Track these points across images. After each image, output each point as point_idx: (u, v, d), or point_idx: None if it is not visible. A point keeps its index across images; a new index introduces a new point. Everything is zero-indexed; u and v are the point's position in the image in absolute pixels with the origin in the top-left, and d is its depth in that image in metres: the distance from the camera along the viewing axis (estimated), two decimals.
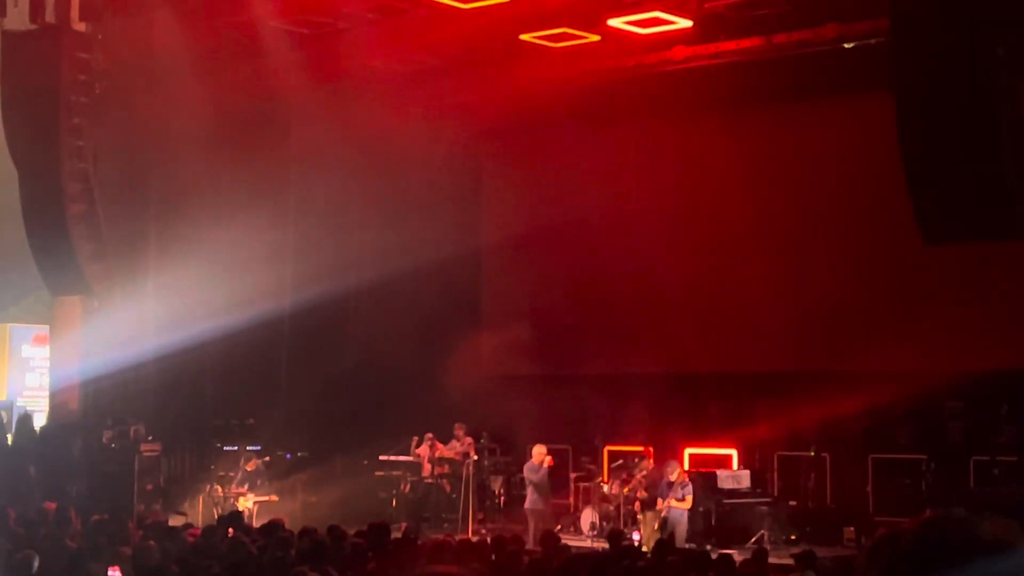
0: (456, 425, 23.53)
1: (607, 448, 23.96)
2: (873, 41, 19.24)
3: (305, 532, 14.02)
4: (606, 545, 16.78)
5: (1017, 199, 14.74)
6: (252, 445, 23.24)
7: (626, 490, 20.99)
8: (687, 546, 18.62)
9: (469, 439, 23.23)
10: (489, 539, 16.00)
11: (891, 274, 22.18)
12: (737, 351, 23.57)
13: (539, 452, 21.29)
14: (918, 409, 21.34)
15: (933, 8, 15.07)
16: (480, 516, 22.24)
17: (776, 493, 22.11)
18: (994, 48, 14.64)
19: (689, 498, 19.90)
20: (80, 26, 21.57)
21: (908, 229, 15.88)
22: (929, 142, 15.11)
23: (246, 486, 21.93)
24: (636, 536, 19.84)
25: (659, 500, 20.03)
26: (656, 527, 19.77)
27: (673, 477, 20.02)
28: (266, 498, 21.90)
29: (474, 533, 20.22)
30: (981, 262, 20.60)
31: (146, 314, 22.65)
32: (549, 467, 21.28)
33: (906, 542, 2.51)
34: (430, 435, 23.42)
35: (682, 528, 19.75)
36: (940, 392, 21.09)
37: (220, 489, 21.88)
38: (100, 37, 21.85)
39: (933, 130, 15.05)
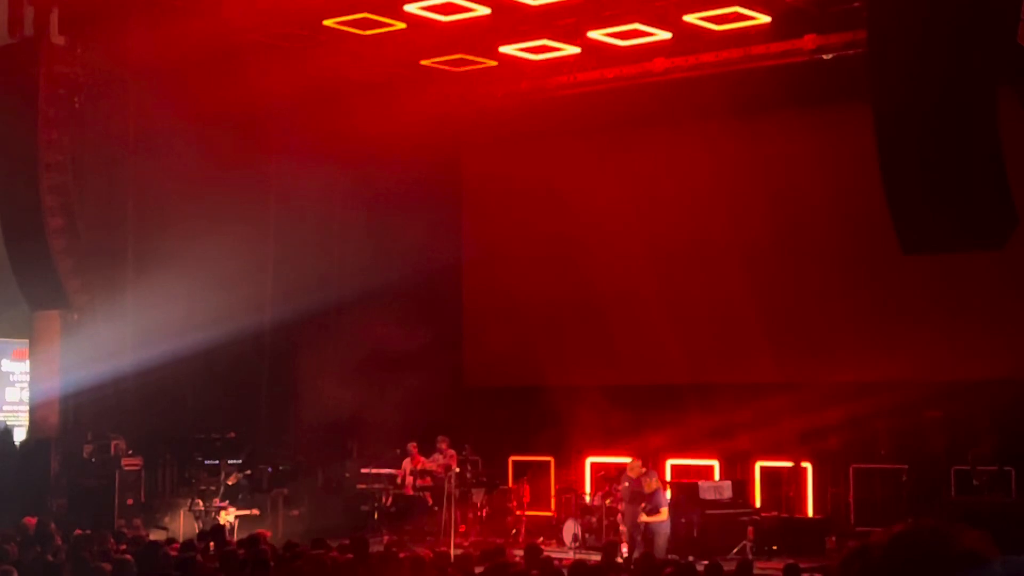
0: (439, 438, 23.49)
1: (589, 459, 23.98)
2: (851, 52, 19.33)
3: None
4: (587, 556, 16.75)
5: (996, 209, 14.78)
6: (233, 459, 23.18)
7: (608, 501, 20.97)
8: (690, 559, 18.58)
9: (452, 452, 23.20)
10: (473, 551, 15.98)
11: (871, 284, 22.25)
12: (718, 362, 23.60)
13: (637, 466, 20.88)
14: (898, 419, 21.39)
15: (911, 19, 15.12)
16: (462, 529, 22.20)
17: (758, 504, 22.13)
18: (971, 59, 14.70)
19: (664, 510, 19.78)
20: (59, 39, 21.50)
21: (888, 239, 15.92)
22: (907, 152, 15.15)
23: (227, 500, 21.86)
24: (624, 549, 19.79)
25: (640, 513, 19.87)
26: (639, 539, 19.70)
27: (645, 487, 19.87)
28: (247, 512, 21.83)
29: (456, 546, 20.16)
30: (961, 272, 20.68)
31: (126, 328, 22.57)
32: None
33: (876, 555, 2.50)
34: (413, 445, 23.38)
35: (662, 540, 19.65)
36: (920, 402, 21.15)
37: (201, 503, 21.80)
38: (79, 51, 21.78)
39: (911, 140, 15.10)
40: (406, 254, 25.47)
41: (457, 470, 22.49)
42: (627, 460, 22.60)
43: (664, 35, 20.58)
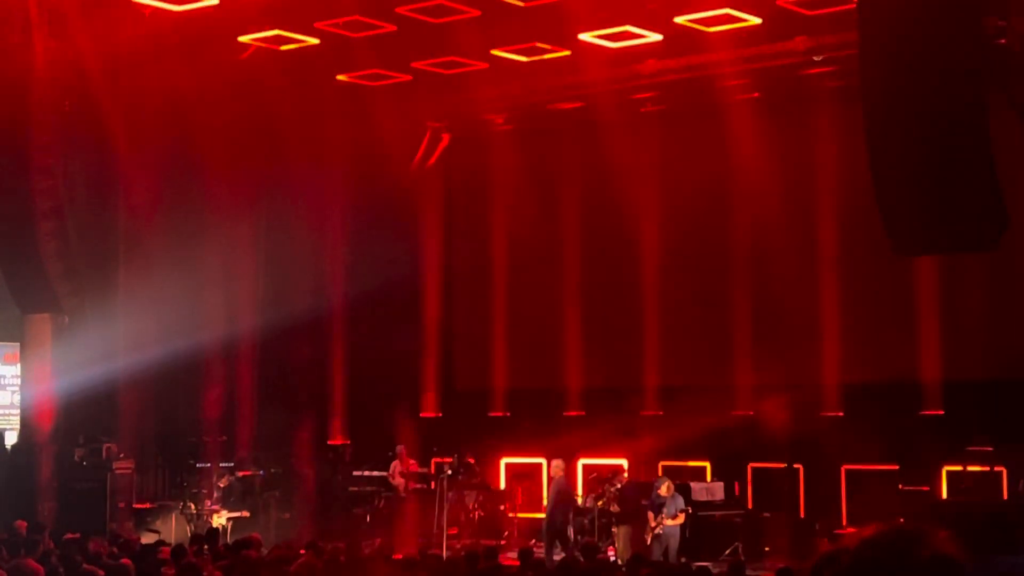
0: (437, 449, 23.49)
1: (581, 461, 23.97)
2: (843, 54, 19.36)
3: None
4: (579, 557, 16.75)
5: (988, 211, 14.80)
6: (225, 462, 23.17)
7: (600, 503, 20.98)
8: (682, 560, 18.62)
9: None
10: (463, 554, 15.99)
11: (863, 285, 22.26)
12: (711, 364, 23.60)
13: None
14: (890, 420, 21.40)
15: (902, 22, 15.14)
16: (454, 531, 22.19)
17: (750, 505, 22.14)
18: (962, 62, 14.72)
19: (682, 515, 19.83)
20: (49, 43, 21.47)
21: (880, 240, 15.93)
22: (898, 154, 15.16)
23: (219, 503, 21.85)
24: (612, 553, 19.81)
25: (651, 515, 19.91)
26: (648, 542, 19.70)
27: (663, 491, 19.90)
28: (239, 515, 21.82)
29: (448, 548, 20.18)
30: (952, 273, 20.72)
31: (118, 332, 22.55)
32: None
33: (846, 559, 2.50)
34: (402, 447, 23.38)
35: (675, 543, 19.68)
36: (912, 403, 21.18)
37: (193, 506, 21.80)
38: (70, 54, 21.75)
39: (901, 143, 15.11)
40: (396, 258, 25.45)
41: (449, 472, 22.49)
42: (620, 462, 22.65)
43: (655, 37, 20.57)
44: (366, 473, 23.88)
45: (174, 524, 21.75)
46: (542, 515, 23.73)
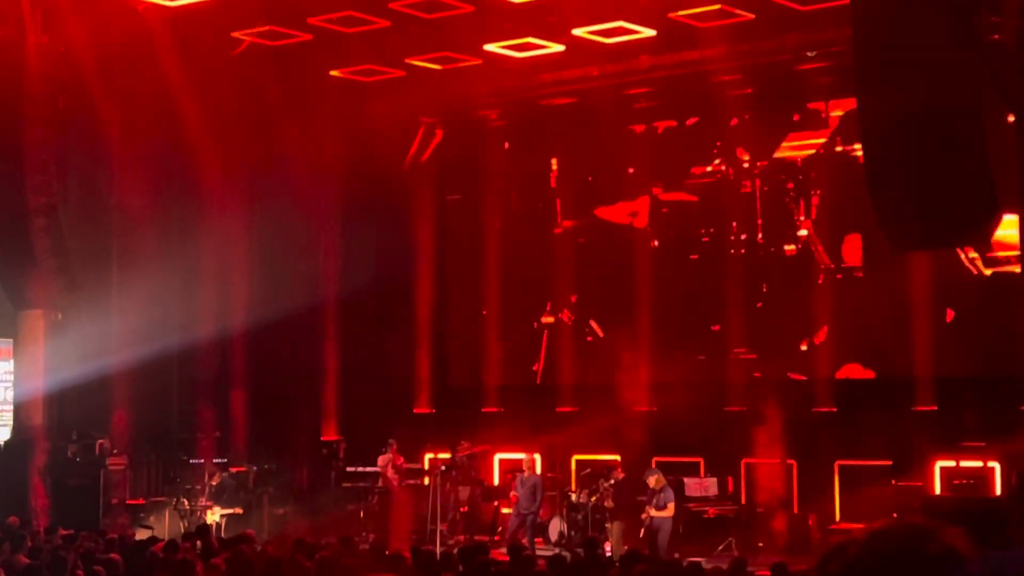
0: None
1: (575, 457, 23.97)
2: (836, 49, 19.37)
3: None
4: (574, 553, 16.75)
5: (982, 207, 14.81)
6: (218, 458, 23.16)
7: (594, 499, 20.97)
8: (675, 556, 18.58)
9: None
10: (456, 550, 15.98)
11: (857, 280, 22.28)
12: (703, 359, 23.60)
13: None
14: (884, 415, 21.41)
15: (895, 17, 15.14)
16: (445, 527, 22.16)
17: (743, 500, 22.14)
18: (956, 57, 14.73)
19: (671, 505, 19.78)
20: (42, 38, 21.43)
21: (874, 234, 15.94)
22: (892, 150, 15.17)
23: (213, 500, 21.83)
24: (607, 547, 19.79)
25: (647, 507, 19.93)
26: (641, 535, 19.69)
27: (652, 483, 19.89)
28: (232, 511, 21.80)
29: (441, 543, 20.17)
30: (947, 269, 20.74)
31: (110, 328, 22.52)
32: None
33: (853, 553, 2.49)
34: (393, 441, 23.36)
35: (664, 536, 19.61)
36: (906, 398, 21.18)
37: (187, 502, 21.78)
38: (63, 49, 21.72)
39: (896, 138, 15.12)
40: (390, 253, 25.42)
41: (443, 468, 22.48)
42: (614, 457, 22.64)
43: (649, 32, 20.57)
44: (359, 469, 23.86)
45: (167, 520, 21.72)
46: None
